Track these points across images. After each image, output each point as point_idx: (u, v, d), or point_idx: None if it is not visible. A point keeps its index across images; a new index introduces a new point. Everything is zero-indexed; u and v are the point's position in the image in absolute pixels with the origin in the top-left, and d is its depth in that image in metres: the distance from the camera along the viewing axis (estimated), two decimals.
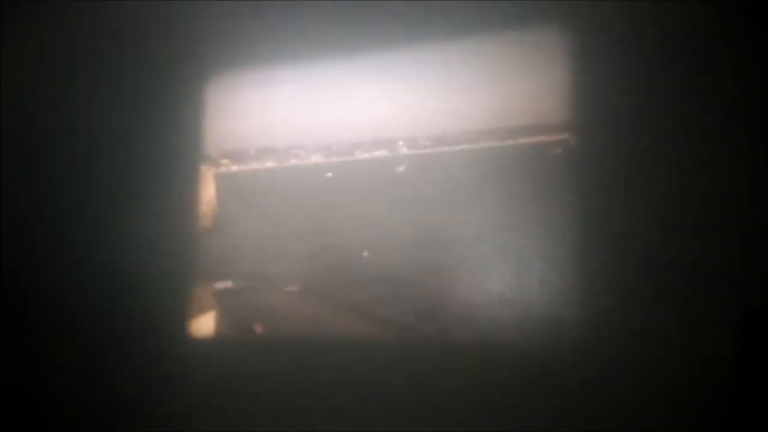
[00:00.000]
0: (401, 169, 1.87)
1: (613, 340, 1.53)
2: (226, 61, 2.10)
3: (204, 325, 1.98)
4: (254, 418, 1.83)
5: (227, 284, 1.98)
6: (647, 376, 1.49)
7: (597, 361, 1.54)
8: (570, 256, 1.60)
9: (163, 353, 2.00)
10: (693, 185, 1.52)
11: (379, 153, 1.92)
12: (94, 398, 2.02)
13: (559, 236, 1.61)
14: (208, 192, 2.08)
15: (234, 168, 2.07)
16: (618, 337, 1.53)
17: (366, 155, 1.93)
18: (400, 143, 1.89)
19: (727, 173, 1.50)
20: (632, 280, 1.53)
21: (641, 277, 1.53)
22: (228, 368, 1.91)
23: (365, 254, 1.85)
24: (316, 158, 1.99)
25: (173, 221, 2.05)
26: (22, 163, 2.22)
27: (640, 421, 1.48)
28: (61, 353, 2.08)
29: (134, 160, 2.11)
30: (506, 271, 1.67)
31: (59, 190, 2.18)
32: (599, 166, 1.60)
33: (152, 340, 2.01)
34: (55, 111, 2.23)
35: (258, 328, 1.92)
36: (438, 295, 1.75)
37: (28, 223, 2.19)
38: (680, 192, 1.53)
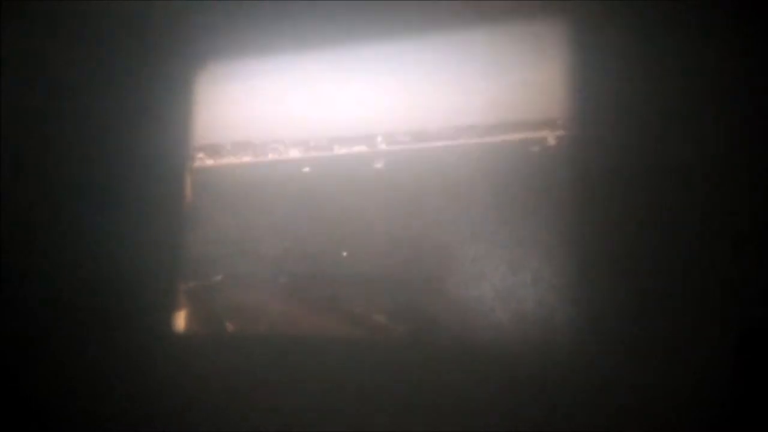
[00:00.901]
0: (380, 165, 1.85)
1: (608, 339, 1.51)
2: (202, 54, 2.07)
3: (177, 322, 1.95)
4: (226, 414, 1.81)
5: (201, 281, 1.94)
6: (642, 375, 1.47)
7: (591, 360, 1.52)
8: (556, 254, 1.58)
9: (137, 350, 1.96)
10: (686, 185, 1.50)
11: (358, 149, 1.89)
12: (69, 392, 2.00)
13: (542, 234, 1.60)
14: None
15: (210, 162, 2.03)
16: (612, 335, 1.51)
17: (345, 150, 1.90)
18: (379, 139, 1.86)
19: (724, 173, 1.48)
20: (626, 278, 1.51)
21: (634, 275, 1.51)
22: (200, 366, 1.88)
23: (344, 254, 1.82)
24: (294, 153, 1.96)
25: (153, 219, 2.03)
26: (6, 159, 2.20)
27: (635, 421, 1.45)
28: (35, 347, 2.06)
29: (115, 154, 2.10)
30: (491, 268, 1.64)
31: (42, 186, 2.16)
32: (580, 163, 1.59)
33: (125, 337, 1.98)
34: (39, 110, 2.21)
35: (231, 325, 1.89)
36: (419, 292, 1.72)
37: (8, 220, 2.17)
38: (673, 192, 1.51)
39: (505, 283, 1.63)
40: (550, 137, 1.61)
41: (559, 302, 1.57)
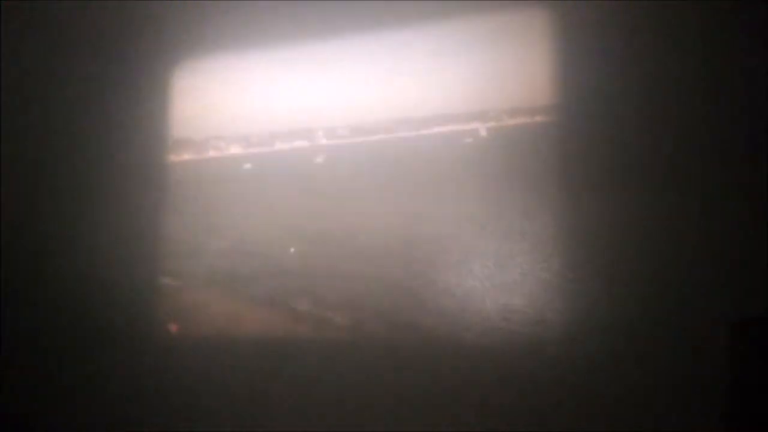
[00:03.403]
0: (320, 159, 1.83)
1: (599, 333, 1.48)
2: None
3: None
4: (171, 416, 1.80)
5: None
6: (635, 370, 1.44)
7: (582, 355, 1.48)
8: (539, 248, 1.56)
9: (80, 353, 1.95)
10: (667, 176, 1.48)
11: (299, 143, 1.87)
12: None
13: (466, 227, 1.59)
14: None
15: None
16: (603, 329, 1.47)
17: (286, 146, 1.88)
18: (320, 133, 1.84)
19: (713, 165, 1.45)
20: (615, 273, 1.48)
21: (625, 269, 1.48)
22: (144, 368, 1.86)
23: (291, 250, 1.81)
24: (235, 149, 1.93)
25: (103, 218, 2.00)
26: None
27: (629, 417, 1.42)
28: None
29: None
30: (428, 263, 1.62)
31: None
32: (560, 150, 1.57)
33: (71, 339, 1.96)
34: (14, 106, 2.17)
35: (173, 327, 1.87)
36: (363, 287, 1.71)
37: None
38: (658, 183, 1.48)
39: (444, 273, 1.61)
40: (482, 128, 1.61)
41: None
